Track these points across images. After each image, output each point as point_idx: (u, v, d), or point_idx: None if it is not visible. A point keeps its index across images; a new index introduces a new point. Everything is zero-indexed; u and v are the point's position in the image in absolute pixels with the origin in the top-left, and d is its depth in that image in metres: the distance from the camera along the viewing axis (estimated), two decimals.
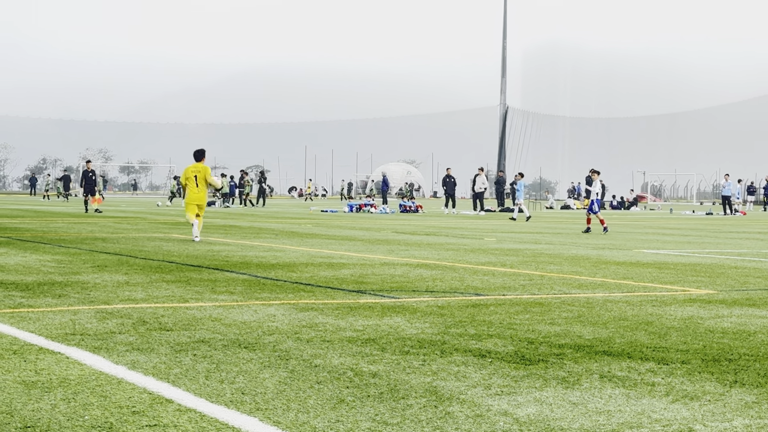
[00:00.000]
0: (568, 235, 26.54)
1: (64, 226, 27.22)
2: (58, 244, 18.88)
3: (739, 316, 9.45)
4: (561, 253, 18.27)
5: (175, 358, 6.69)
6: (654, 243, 22.78)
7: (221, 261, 15.18)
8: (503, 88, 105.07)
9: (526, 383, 6.08)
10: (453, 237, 24.19)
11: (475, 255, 17.49)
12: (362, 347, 7.27)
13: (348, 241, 21.65)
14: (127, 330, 7.90)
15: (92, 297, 10.16)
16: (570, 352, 7.21)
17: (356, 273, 13.43)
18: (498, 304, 10.04)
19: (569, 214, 54.67)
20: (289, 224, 31.20)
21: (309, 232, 25.40)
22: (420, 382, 6.07)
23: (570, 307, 9.87)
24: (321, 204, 72.83)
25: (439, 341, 7.60)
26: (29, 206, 51.29)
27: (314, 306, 9.68)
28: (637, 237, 25.77)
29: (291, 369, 6.40)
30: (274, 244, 20.02)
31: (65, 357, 6.68)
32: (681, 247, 21.01)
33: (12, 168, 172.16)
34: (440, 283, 12.28)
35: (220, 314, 8.94)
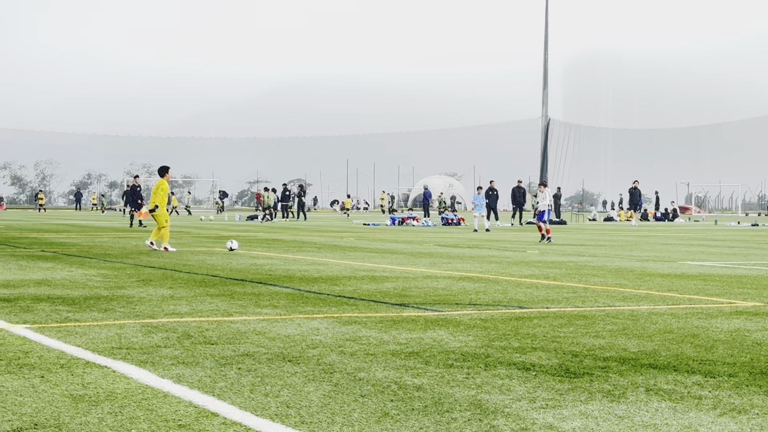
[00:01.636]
0: (611, 247, 26.38)
1: (109, 240, 27.47)
2: (104, 258, 19.05)
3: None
4: (605, 266, 18.16)
5: (220, 372, 6.73)
6: (699, 255, 22.58)
7: (265, 274, 15.24)
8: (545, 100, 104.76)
9: (571, 396, 6.05)
10: (495, 250, 24.12)
11: (518, 268, 17.43)
12: (406, 360, 7.27)
13: (390, 254, 21.66)
14: (173, 344, 7.95)
15: (138, 311, 10.24)
16: (615, 365, 7.17)
17: (399, 286, 13.43)
18: (542, 317, 10.00)
19: (612, 226, 54.33)
20: (331, 238, 31.26)
21: (351, 246, 25.45)
22: (464, 395, 6.05)
23: (614, 320, 9.81)
24: (363, 217, 72.94)
25: (483, 354, 7.58)
26: (75, 221, 51.80)
27: (358, 319, 9.70)
28: (681, 249, 25.56)
29: (335, 382, 6.41)
30: (317, 257, 20.08)
31: (112, 371, 6.74)
32: (726, 259, 20.80)
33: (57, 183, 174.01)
34: (483, 296, 12.25)
35: (264, 328, 8.98)
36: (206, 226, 43.73)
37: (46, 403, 5.73)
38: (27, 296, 11.63)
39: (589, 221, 66.24)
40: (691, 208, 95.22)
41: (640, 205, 71.52)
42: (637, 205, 57.83)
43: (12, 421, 5.29)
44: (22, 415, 5.42)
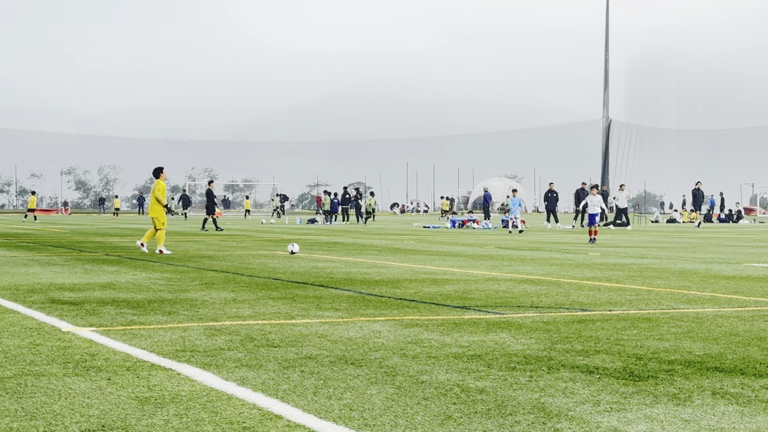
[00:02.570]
0: (674, 249, 26.09)
1: (172, 244, 27.75)
2: (167, 262, 19.26)
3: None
4: (668, 268, 17.97)
5: (283, 374, 6.77)
6: (765, 257, 22.25)
7: (325, 277, 15.30)
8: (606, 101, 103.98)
9: (636, 400, 5.99)
10: (557, 252, 23.98)
11: (580, 270, 17.31)
12: (468, 363, 7.25)
13: (451, 257, 21.63)
14: (236, 346, 8.01)
15: (201, 314, 10.34)
16: (680, 368, 7.09)
17: (460, 289, 13.41)
18: (605, 320, 9.92)
19: (675, 227, 53.73)
20: (391, 240, 31.30)
21: (412, 249, 25.45)
22: (527, 398, 6.03)
23: (679, 323, 9.71)
24: (422, 220, 72.90)
25: (546, 357, 7.54)
26: (139, 225, 52.42)
27: (419, 322, 9.70)
28: (746, 251, 25.20)
29: (398, 385, 6.42)
30: (378, 260, 20.11)
31: (176, 373, 6.81)
32: None
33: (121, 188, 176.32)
34: (545, 298, 12.18)
35: (326, 330, 9.01)
36: (267, 230, 44.02)
37: (113, 405, 5.81)
38: (93, 299, 11.80)
39: (651, 223, 65.58)
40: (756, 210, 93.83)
41: (712, 205, 70.89)
42: (700, 207, 57.19)
43: (80, 423, 5.37)
44: (89, 417, 5.50)
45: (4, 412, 5.62)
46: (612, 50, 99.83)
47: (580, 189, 53.20)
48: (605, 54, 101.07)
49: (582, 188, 53.20)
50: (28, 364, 7.18)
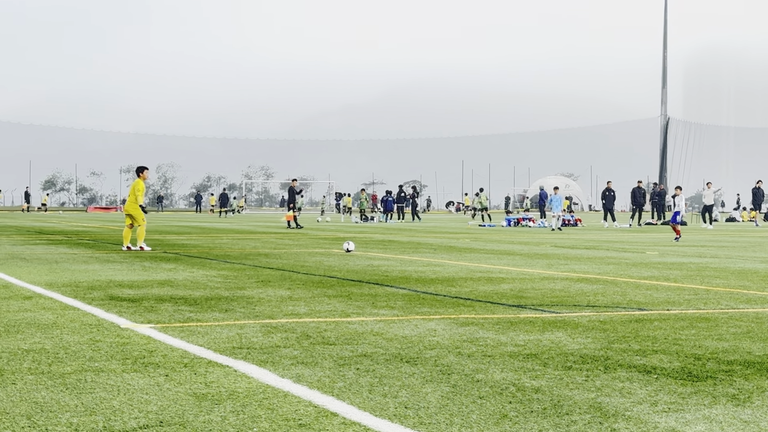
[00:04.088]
0: (733, 248, 25.77)
1: (229, 242, 27.97)
2: (224, 259, 19.41)
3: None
4: (727, 267, 17.75)
5: (339, 372, 6.79)
6: None
7: (381, 276, 15.32)
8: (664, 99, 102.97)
9: (694, 400, 5.93)
10: (613, 251, 23.79)
11: (637, 269, 17.16)
12: (524, 362, 7.23)
13: (506, 255, 21.56)
14: (292, 344, 8.06)
15: (257, 311, 10.40)
16: (740, 368, 7.00)
17: (516, 287, 13.36)
18: (662, 320, 9.83)
19: (734, 226, 53.05)
20: (447, 239, 31.26)
21: (467, 247, 25.40)
22: (584, 398, 5.99)
23: (738, 323, 9.59)
24: (478, 218, 72.73)
25: (603, 357, 7.49)
26: (196, 223, 52.90)
27: (474, 320, 9.68)
28: None
29: (453, 384, 6.41)
30: (433, 258, 20.10)
31: (233, 370, 6.87)
32: None
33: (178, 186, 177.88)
34: (602, 297, 12.10)
35: (381, 329, 9.03)
36: (323, 227, 44.19)
37: (171, 401, 5.87)
38: (151, 296, 11.92)
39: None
40: None
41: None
42: (760, 206, 56.43)
43: (138, 418, 5.44)
44: (148, 413, 5.56)
45: (64, 407, 5.70)
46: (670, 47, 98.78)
47: (636, 188, 52.75)
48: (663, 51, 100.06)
49: (638, 187, 52.76)
50: (88, 360, 7.28)
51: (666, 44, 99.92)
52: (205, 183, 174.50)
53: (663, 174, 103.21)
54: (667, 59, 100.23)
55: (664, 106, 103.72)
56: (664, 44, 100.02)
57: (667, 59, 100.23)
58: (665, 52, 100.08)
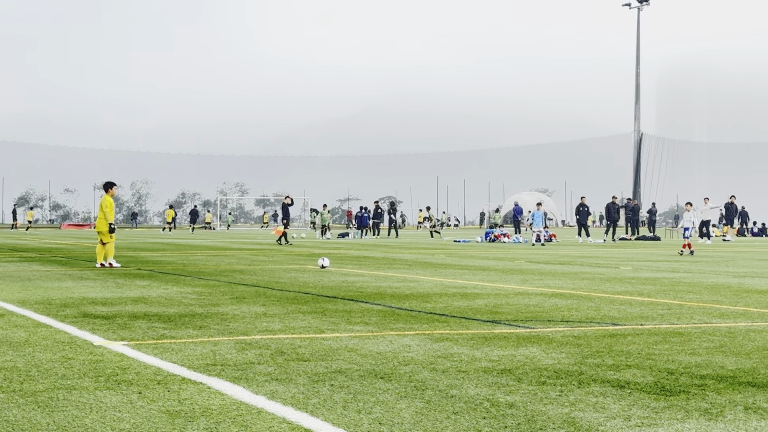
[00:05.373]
0: (706, 263, 25.92)
1: (203, 258, 27.88)
2: (198, 276, 19.35)
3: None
4: (700, 282, 17.85)
5: (313, 388, 6.78)
6: None
7: (356, 292, 15.31)
8: (637, 115, 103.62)
9: (667, 414, 5.95)
10: (587, 266, 23.88)
11: (611, 284, 17.23)
12: (498, 377, 7.24)
13: (481, 271, 21.60)
14: (266, 360, 8.03)
15: (231, 328, 10.37)
16: (712, 383, 7.04)
17: (490, 303, 13.38)
18: (636, 334, 9.87)
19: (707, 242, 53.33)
20: (422, 255, 31.28)
21: (442, 263, 25.43)
22: (558, 413, 6.00)
23: (711, 337, 9.64)
24: (453, 234, 72.85)
25: (576, 372, 7.51)
26: (170, 240, 52.69)
27: (449, 336, 9.68)
28: None
29: (427, 399, 6.41)
30: (408, 274, 20.10)
31: (207, 387, 6.84)
32: None
33: (153, 203, 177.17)
34: (576, 312, 12.14)
35: (355, 345, 9.02)
36: (298, 244, 44.11)
37: (144, 418, 5.84)
38: (124, 313, 11.87)
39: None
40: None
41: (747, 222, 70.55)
42: (732, 221, 56.81)
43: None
44: (120, 431, 5.53)
45: (36, 425, 5.66)
46: (643, 63, 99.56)
47: (611, 203, 52.98)
48: (636, 67, 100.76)
49: (613, 202, 52.99)
50: (60, 377, 7.23)
51: (639, 60, 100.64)
52: (179, 199, 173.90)
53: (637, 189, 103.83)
54: (640, 75, 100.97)
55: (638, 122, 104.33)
56: (637, 60, 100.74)
57: (640, 75, 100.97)
58: (638, 68, 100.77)
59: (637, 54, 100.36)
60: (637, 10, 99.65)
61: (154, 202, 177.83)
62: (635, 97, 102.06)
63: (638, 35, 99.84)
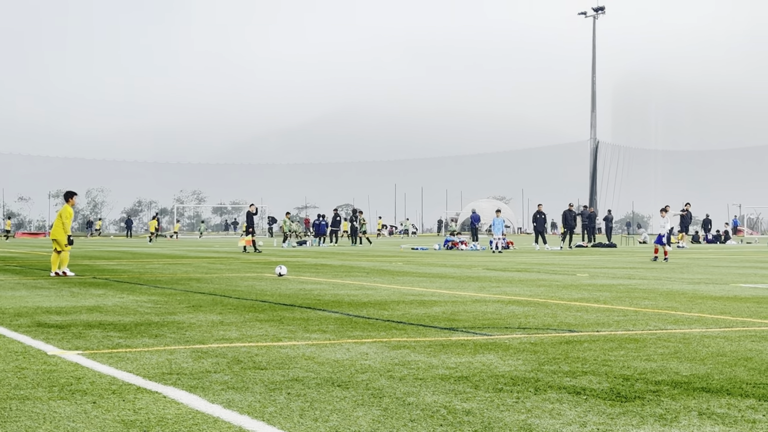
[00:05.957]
0: (662, 270, 26.14)
1: (160, 267, 27.70)
2: (154, 285, 19.21)
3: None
4: (655, 288, 18.00)
5: (270, 397, 6.75)
6: (752, 277, 22.31)
7: (313, 299, 15.28)
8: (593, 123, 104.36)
9: (623, 420, 5.99)
10: (545, 273, 24.00)
11: (568, 291, 17.33)
12: (455, 385, 7.24)
13: (439, 278, 21.63)
14: (222, 369, 7.99)
15: (188, 337, 10.31)
16: (667, 388, 7.09)
17: (448, 310, 13.40)
18: (592, 341, 9.93)
19: None
20: (380, 262, 31.28)
21: (400, 270, 25.44)
22: (514, 419, 6.02)
23: (666, 343, 9.72)
24: (411, 242, 72.92)
25: (533, 378, 7.53)
26: (126, 248, 52.31)
27: (406, 344, 9.69)
28: (733, 271, 25.26)
29: (384, 407, 6.41)
30: (366, 282, 20.09)
31: (162, 396, 6.79)
32: None
33: (109, 211, 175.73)
34: (533, 319, 12.19)
35: (313, 353, 9.00)
36: (255, 252, 43.92)
37: (98, 428, 5.78)
38: (79, 323, 11.76)
39: (639, 244, 65.70)
40: (744, 230, 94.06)
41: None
42: (687, 228, 57.36)
43: None
44: None
45: None
46: (599, 72, 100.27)
47: (567, 210, 53.31)
48: (592, 76, 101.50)
49: (569, 209, 53.33)
50: (13, 388, 7.14)
51: (594, 69, 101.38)
52: (135, 208, 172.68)
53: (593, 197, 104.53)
54: (596, 83, 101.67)
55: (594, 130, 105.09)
56: (593, 69, 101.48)
57: (596, 83, 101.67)
58: (594, 76, 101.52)
59: (593, 62, 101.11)
60: (593, 19, 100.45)
61: (110, 210, 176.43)
62: (591, 105, 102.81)
63: (594, 44, 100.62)
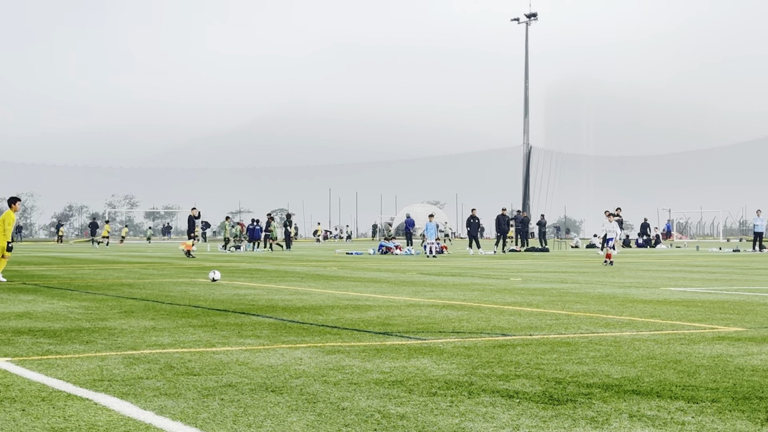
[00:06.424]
0: (594, 274, 26.44)
1: (91, 272, 27.37)
2: (86, 290, 18.98)
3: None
4: (587, 292, 18.19)
5: (203, 403, 6.70)
6: (681, 281, 22.65)
7: (247, 305, 15.20)
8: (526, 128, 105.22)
9: (555, 423, 6.04)
10: (478, 277, 24.14)
11: (501, 295, 17.45)
12: (389, 389, 7.25)
13: (374, 283, 21.65)
14: (155, 375, 7.91)
15: (119, 343, 10.19)
16: (598, 391, 7.17)
17: (382, 315, 13.42)
18: (525, 344, 10.00)
19: (594, 252, 54.41)
20: (314, 267, 31.23)
21: (335, 275, 25.42)
22: (448, 423, 6.04)
23: (597, 347, 9.83)
24: (346, 246, 72.91)
25: (467, 382, 7.57)
26: (57, 253, 51.58)
27: (341, 348, 9.68)
28: (663, 275, 25.63)
29: (318, 412, 6.39)
30: (300, 287, 20.05)
31: (93, 403, 6.71)
32: (708, 285, 20.88)
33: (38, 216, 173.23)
34: (466, 323, 12.25)
35: (246, 358, 8.95)
36: (187, 257, 43.58)
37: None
38: (8, 329, 11.57)
39: (571, 248, 66.38)
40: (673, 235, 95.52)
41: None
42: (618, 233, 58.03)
43: None
44: None
45: None
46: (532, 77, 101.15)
47: (501, 215, 53.68)
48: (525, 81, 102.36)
49: (503, 214, 53.70)
50: None
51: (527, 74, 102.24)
52: (66, 212, 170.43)
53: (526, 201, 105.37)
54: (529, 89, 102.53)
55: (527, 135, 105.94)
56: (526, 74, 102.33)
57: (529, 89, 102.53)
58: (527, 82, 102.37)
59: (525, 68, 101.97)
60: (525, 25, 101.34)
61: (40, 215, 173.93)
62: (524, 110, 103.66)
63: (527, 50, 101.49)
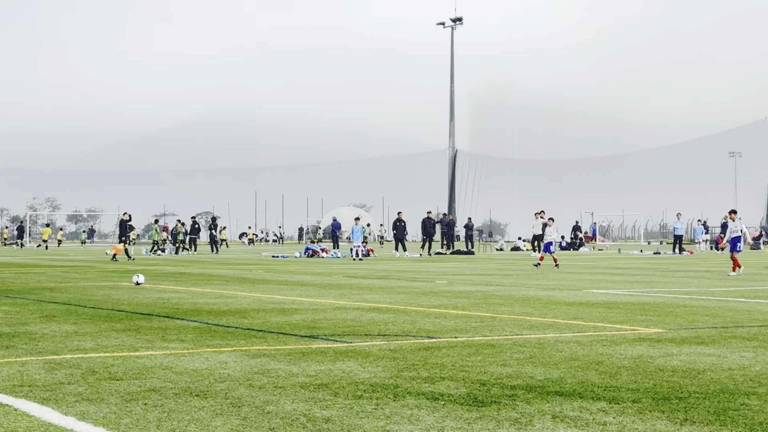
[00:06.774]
0: (518, 276, 26.67)
1: (11, 276, 26.89)
2: (5, 294, 18.64)
3: (688, 354, 9.54)
4: (512, 295, 18.35)
5: (126, 408, 6.63)
6: (603, 283, 22.96)
7: (171, 308, 15.06)
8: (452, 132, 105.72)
9: (479, 425, 6.08)
10: (404, 280, 24.21)
11: (427, 298, 17.52)
12: (315, 393, 7.24)
13: (299, 286, 21.60)
14: (77, 380, 7.80)
15: (40, 347, 10.03)
16: (522, 393, 7.24)
17: (308, 318, 13.39)
18: (450, 347, 10.06)
19: (519, 255, 54.92)
20: (240, 270, 31.05)
21: (260, 278, 25.30)
22: (373, 426, 6.05)
23: (521, 348, 9.91)
24: (272, 250, 72.61)
25: (392, 385, 7.59)
26: None
27: (266, 352, 9.64)
28: (586, 277, 25.96)
29: (243, 416, 6.36)
30: (225, 290, 19.92)
31: (13, 409, 6.59)
32: (630, 287, 21.19)
33: None
34: (392, 326, 12.28)
35: (170, 362, 8.87)
36: (111, 261, 43.05)
37: None
38: None
39: (496, 251, 66.89)
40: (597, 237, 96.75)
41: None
42: None
43: None
44: None
45: None
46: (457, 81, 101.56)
47: (426, 218, 53.89)
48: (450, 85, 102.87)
49: (428, 217, 53.91)
50: None
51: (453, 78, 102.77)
52: None
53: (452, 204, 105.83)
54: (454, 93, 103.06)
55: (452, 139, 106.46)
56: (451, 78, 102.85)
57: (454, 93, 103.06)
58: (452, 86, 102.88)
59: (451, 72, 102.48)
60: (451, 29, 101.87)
61: None
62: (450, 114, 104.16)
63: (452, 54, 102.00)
